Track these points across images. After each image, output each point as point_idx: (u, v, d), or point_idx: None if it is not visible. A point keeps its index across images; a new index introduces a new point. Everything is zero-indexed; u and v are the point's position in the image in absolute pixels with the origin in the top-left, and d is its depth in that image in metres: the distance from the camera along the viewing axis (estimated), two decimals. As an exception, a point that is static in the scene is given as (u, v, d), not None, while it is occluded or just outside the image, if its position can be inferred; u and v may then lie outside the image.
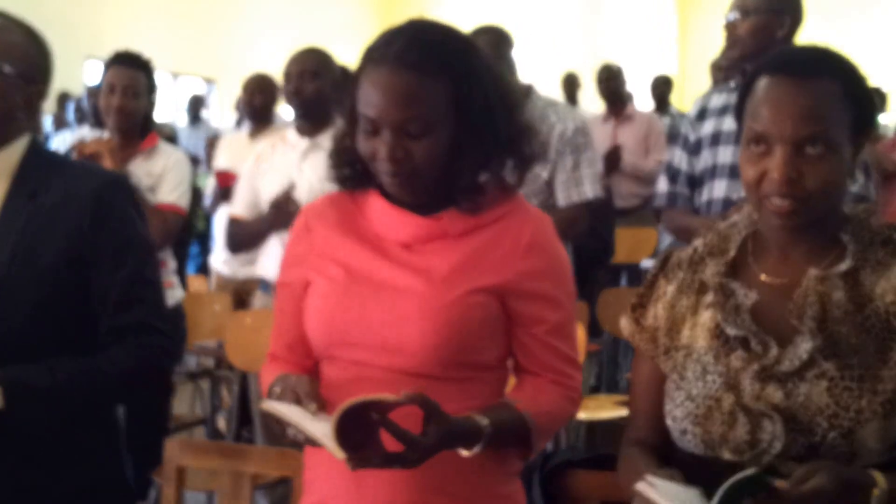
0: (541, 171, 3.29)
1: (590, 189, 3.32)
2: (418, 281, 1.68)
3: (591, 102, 8.38)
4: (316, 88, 3.46)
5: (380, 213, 1.74)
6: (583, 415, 3.59)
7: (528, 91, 3.37)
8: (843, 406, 1.46)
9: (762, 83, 1.56)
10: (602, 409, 3.87)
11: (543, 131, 3.21)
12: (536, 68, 11.44)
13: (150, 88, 3.59)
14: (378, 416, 1.48)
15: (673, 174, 3.18)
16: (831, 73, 1.55)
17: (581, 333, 2.83)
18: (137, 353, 1.90)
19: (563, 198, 3.31)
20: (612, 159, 6.10)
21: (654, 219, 5.39)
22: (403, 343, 1.66)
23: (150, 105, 3.64)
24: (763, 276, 1.59)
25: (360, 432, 1.49)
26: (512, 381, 1.81)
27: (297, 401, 1.58)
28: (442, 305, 1.66)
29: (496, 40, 3.38)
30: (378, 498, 1.66)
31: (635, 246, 5.85)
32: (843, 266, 1.53)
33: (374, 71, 1.66)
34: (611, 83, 6.65)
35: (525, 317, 1.72)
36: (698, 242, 1.67)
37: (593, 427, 4.03)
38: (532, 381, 1.75)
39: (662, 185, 3.21)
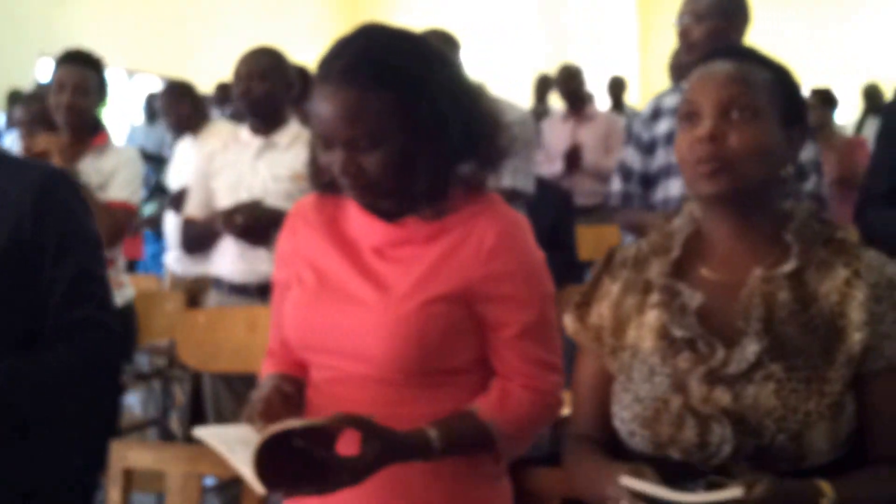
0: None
1: (509, 179, 3.30)
2: (376, 292, 1.68)
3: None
4: (265, 90, 3.43)
5: (355, 217, 1.75)
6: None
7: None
8: (791, 408, 1.46)
9: (697, 70, 1.61)
10: (565, 406, 3.84)
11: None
12: (499, 68, 11.48)
13: (101, 86, 3.55)
14: (302, 443, 1.47)
15: (626, 173, 3.20)
16: (762, 62, 1.59)
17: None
18: (84, 351, 1.87)
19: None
20: (573, 158, 6.12)
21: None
22: (365, 353, 1.67)
23: (101, 103, 3.59)
24: (708, 276, 1.59)
25: (294, 458, 1.47)
26: None
27: (250, 418, 1.60)
28: (398, 318, 1.65)
29: (445, 42, 3.38)
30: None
31: (597, 243, 5.84)
32: (788, 266, 1.53)
33: (322, 87, 1.66)
34: (570, 83, 6.66)
35: (491, 320, 1.71)
36: (643, 241, 1.68)
37: (557, 423, 4.01)
38: (502, 386, 1.73)
39: (616, 184, 3.24)
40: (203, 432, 1.55)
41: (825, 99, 6.61)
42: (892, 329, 1.49)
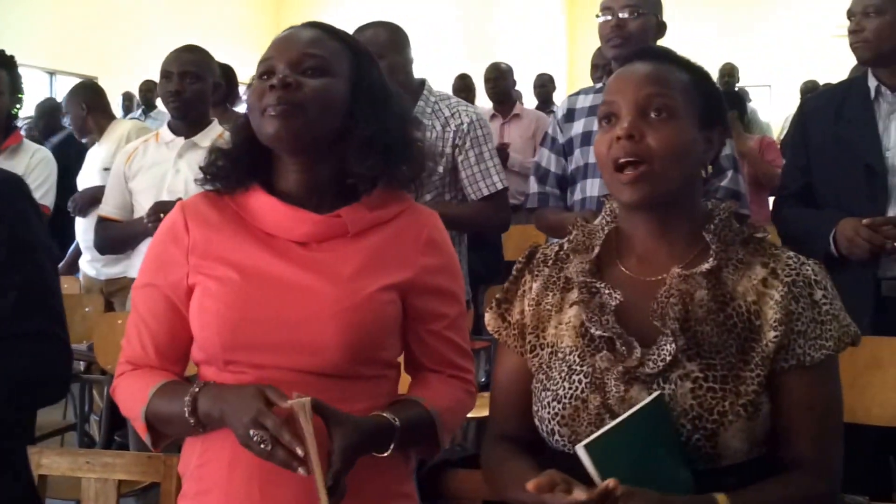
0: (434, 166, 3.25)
1: (499, 179, 3.30)
2: (326, 280, 1.65)
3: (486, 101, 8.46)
4: (197, 89, 3.40)
5: (270, 211, 1.69)
6: (471, 412, 3.57)
7: (421, 85, 3.33)
8: (707, 408, 1.46)
9: (616, 72, 1.63)
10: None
11: (437, 126, 3.23)
12: (427, 68, 11.48)
13: (14, 86, 3.48)
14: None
15: (542, 175, 3.21)
16: (679, 63, 1.62)
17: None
18: (37, 363, 1.83)
19: (473, 192, 3.26)
20: (499, 157, 6.12)
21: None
22: (317, 343, 1.62)
23: (13, 103, 3.51)
24: (628, 274, 1.60)
25: None
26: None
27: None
28: (353, 304, 1.63)
29: (396, 33, 3.33)
30: (277, 498, 1.60)
31: (523, 242, 5.86)
32: (706, 265, 1.54)
33: (282, 32, 1.72)
34: (499, 82, 6.70)
35: (425, 312, 1.73)
36: (564, 239, 1.68)
37: (482, 424, 4.01)
38: (432, 378, 1.76)
39: (532, 186, 3.24)
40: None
41: (734, 100, 6.74)
42: (807, 328, 1.51)
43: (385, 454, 1.59)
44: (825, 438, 1.54)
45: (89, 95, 5.20)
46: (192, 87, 3.38)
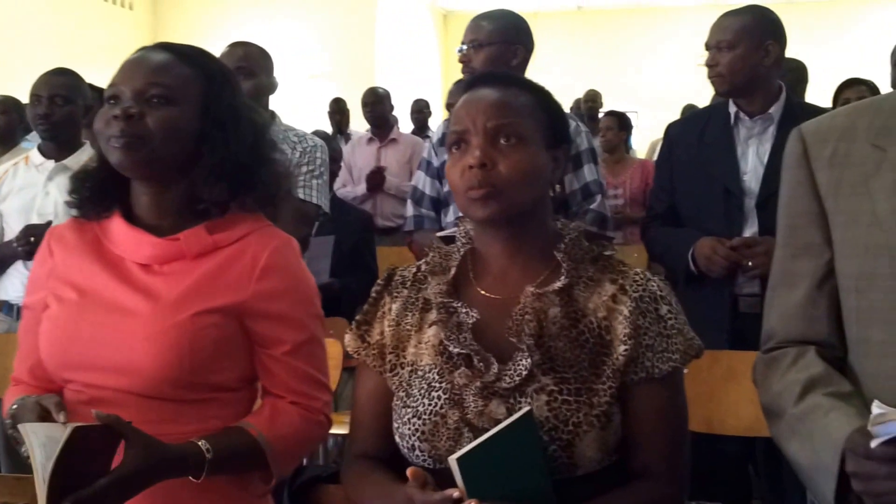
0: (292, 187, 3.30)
1: (316, 196, 3.37)
2: (147, 302, 1.67)
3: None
4: (67, 112, 3.37)
5: (121, 234, 1.72)
6: (344, 430, 3.58)
7: (272, 116, 3.45)
8: (562, 420, 1.51)
9: (462, 98, 1.65)
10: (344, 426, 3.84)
11: (287, 151, 3.30)
12: (310, 93, 11.44)
13: None
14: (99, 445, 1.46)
15: (417, 198, 3.28)
16: (522, 86, 1.66)
17: (338, 350, 2.83)
18: None
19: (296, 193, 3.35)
20: (375, 179, 6.19)
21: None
22: (132, 364, 1.64)
23: None
24: (483, 293, 1.64)
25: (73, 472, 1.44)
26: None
27: (43, 416, 1.54)
28: (168, 326, 1.64)
29: (266, 57, 3.41)
30: None
31: (399, 264, 5.89)
32: (558, 283, 1.59)
33: (128, 58, 1.71)
34: (376, 107, 6.74)
35: (264, 337, 1.73)
36: (422, 261, 1.72)
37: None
38: (272, 403, 1.75)
39: (409, 209, 3.31)
40: (26, 427, 1.49)
41: (621, 122, 6.94)
42: (654, 341, 1.57)
43: (199, 480, 1.60)
44: (672, 447, 1.60)
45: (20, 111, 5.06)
46: (61, 110, 3.35)
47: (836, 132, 1.51)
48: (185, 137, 1.68)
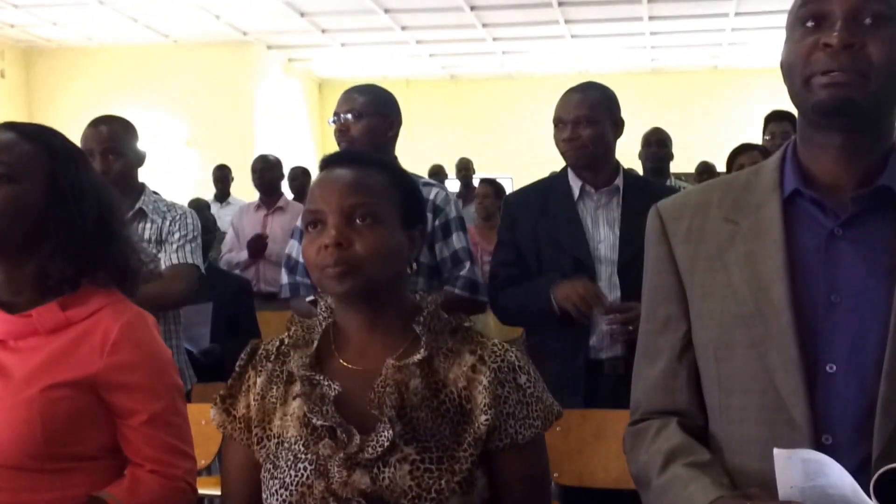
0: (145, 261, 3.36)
1: (191, 258, 3.46)
2: (0, 378, 1.70)
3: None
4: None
5: None
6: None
7: (142, 188, 3.50)
8: (425, 487, 1.55)
9: (318, 177, 1.70)
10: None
11: (158, 220, 3.42)
12: (192, 162, 11.35)
13: None
14: None
15: (291, 266, 3.29)
16: (377, 165, 1.70)
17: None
18: None
19: (171, 259, 3.42)
20: (256, 245, 6.19)
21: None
22: None
23: None
24: (345, 366, 1.68)
25: None
26: None
27: None
28: (18, 402, 1.68)
29: (126, 128, 3.44)
30: None
31: (280, 329, 5.88)
32: (418, 356, 1.63)
33: None
34: (265, 174, 6.74)
35: (120, 408, 1.77)
36: (284, 335, 1.75)
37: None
38: (132, 473, 1.78)
39: (283, 277, 3.32)
40: None
41: (496, 190, 7.15)
42: (515, 409, 1.63)
43: None
44: None
45: None
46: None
47: (691, 208, 1.59)
48: (28, 214, 1.71)
